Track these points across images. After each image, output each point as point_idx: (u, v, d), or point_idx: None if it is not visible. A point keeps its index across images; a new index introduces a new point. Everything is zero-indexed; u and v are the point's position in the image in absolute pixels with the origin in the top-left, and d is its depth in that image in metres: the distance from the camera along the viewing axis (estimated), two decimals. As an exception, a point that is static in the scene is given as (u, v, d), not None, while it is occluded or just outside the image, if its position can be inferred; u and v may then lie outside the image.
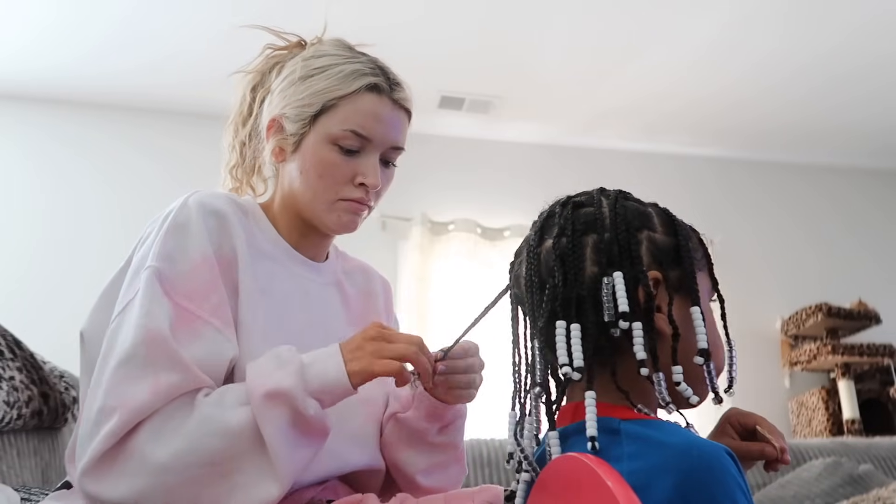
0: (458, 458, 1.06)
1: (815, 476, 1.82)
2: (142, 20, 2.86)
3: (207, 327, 0.86)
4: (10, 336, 1.30)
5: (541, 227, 0.82)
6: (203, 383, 0.83)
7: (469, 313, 0.90)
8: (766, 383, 3.63)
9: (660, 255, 0.77)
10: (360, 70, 0.98)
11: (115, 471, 0.78)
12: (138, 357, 0.81)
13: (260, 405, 0.79)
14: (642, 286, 0.74)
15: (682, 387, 0.73)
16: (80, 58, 3.10)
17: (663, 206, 0.83)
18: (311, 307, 1.02)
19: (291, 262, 1.02)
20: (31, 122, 3.36)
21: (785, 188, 4.05)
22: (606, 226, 0.77)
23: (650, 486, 0.64)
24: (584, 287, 0.75)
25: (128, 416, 0.79)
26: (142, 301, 0.85)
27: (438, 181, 3.67)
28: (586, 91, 3.44)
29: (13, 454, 1.24)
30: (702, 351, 0.74)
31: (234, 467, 0.79)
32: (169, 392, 0.80)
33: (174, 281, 0.87)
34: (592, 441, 0.67)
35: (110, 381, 0.81)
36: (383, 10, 2.77)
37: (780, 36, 3.03)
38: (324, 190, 0.98)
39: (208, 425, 0.79)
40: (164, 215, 0.94)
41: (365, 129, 0.97)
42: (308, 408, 0.81)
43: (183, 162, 3.30)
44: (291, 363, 0.83)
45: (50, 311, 2.84)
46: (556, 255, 0.77)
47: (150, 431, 0.79)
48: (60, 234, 3.22)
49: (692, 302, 0.76)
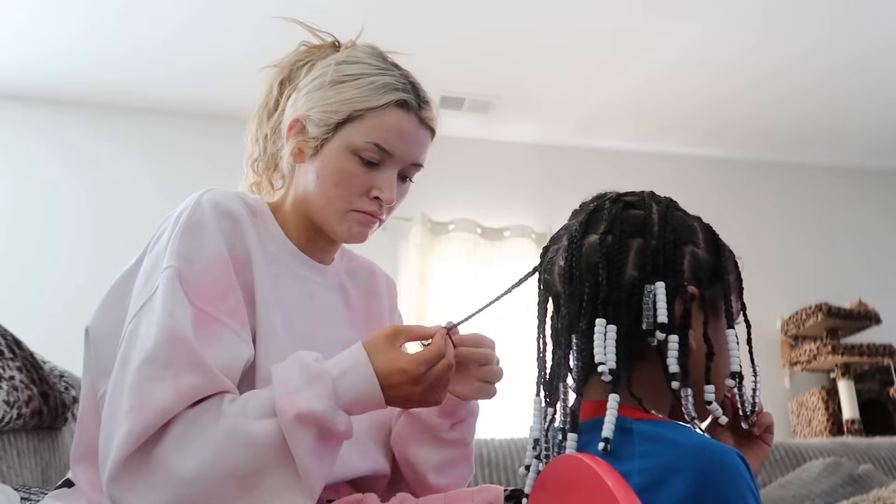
0: (468, 455, 1.06)
1: (815, 476, 1.82)
2: (119, 18, 2.86)
3: (225, 329, 0.85)
4: (10, 336, 1.30)
5: (587, 219, 0.81)
6: (225, 387, 0.82)
7: (469, 313, 0.89)
8: (766, 383, 3.63)
9: (699, 272, 0.78)
10: (392, 84, 0.97)
11: (140, 481, 0.77)
12: (160, 358, 0.80)
13: (290, 425, 0.78)
14: (681, 299, 0.75)
15: (713, 406, 0.74)
16: (56, 55, 3.09)
17: (707, 223, 0.84)
18: (316, 310, 1.02)
19: (296, 265, 1.01)
20: (34, 121, 3.37)
21: (785, 188, 4.05)
22: (654, 233, 0.77)
23: (662, 485, 0.65)
24: (623, 290, 0.75)
25: (149, 418, 0.77)
26: (163, 301, 0.83)
27: (438, 181, 3.66)
28: (586, 91, 3.44)
29: (13, 454, 1.24)
30: (733, 374, 0.75)
31: (260, 481, 0.78)
32: (191, 395, 0.79)
33: (191, 282, 0.86)
34: (606, 442, 0.68)
35: (131, 383, 0.80)
36: (383, 10, 2.77)
37: (775, 35, 3.03)
38: (338, 199, 0.97)
39: (233, 437, 0.78)
40: (178, 214, 0.92)
41: (388, 143, 0.96)
42: (339, 424, 0.80)
43: (172, 160, 3.32)
44: (321, 380, 0.81)
45: (49, 311, 2.85)
46: (602, 252, 0.76)
47: (175, 440, 0.78)
48: (60, 233, 3.23)
49: (728, 325, 0.77)
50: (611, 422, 0.69)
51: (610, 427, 0.69)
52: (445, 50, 3.12)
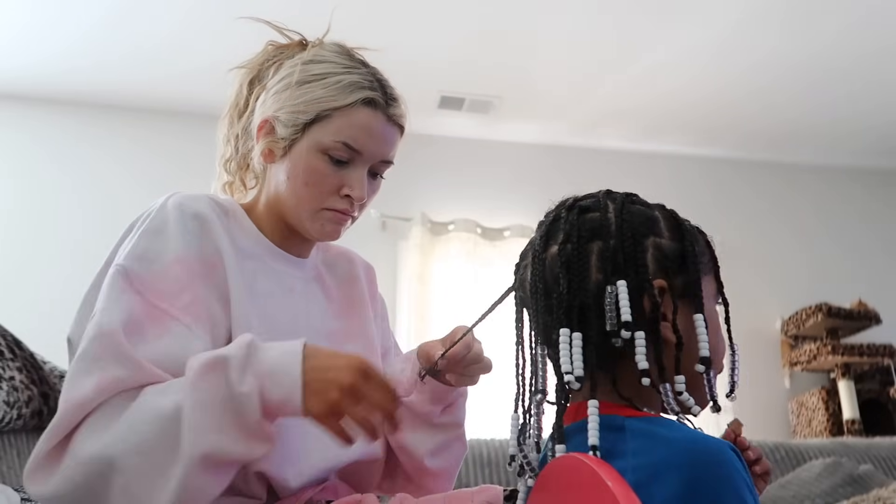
0: (461, 436, 1.08)
1: (815, 476, 1.82)
2: (118, 17, 2.86)
3: (175, 324, 0.85)
4: (10, 336, 1.30)
5: (546, 231, 0.81)
6: (155, 378, 0.80)
7: (469, 313, 0.90)
8: (766, 383, 3.63)
9: (665, 263, 0.76)
10: (359, 83, 0.97)
11: (49, 469, 0.77)
12: (89, 354, 0.81)
13: (195, 376, 0.75)
14: (647, 295, 0.74)
15: (684, 396, 0.73)
16: (55, 55, 3.09)
17: (670, 209, 0.82)
18: (296, 304, 1.02)
19: (273, 260, 1.02)
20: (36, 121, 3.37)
21: (785, 188, 4.05)
22: (612, 232, 0.76)
23: (656, 481, 0.65)
24: (589, 295, 0.74)
25: (71, 411, 0.77)
26: (102, 299, 0.85)
27: (438, 181, 3.67)
28: (586, 91, 3.44)
29: (13, 454, 1.24)
30: (703, 359, 0.73)
31: (168, 459, 0.73)
32: (114, 386, 0.78)
33: (145, 279, 0.87)
34: (594, 450, 0.67)
35: (66, 382, 0.81)
36: (384, 10, 2.77)
37: (774, 36, 3.03)
38: (309, 198, 0.98)
39: (141, 413, 0.76)
40: (143, 217, 0.94)
41: (357, 142, 0.97)
42: (242, 384, 0.74)
43: (172, 160, 3.31)
44: (239, 345, 0.77)
45: (49, 311, 2.84)
46: (562, 261, 0.76)
47: (88, 425, 0.77)
48: (60, 232, 3.23)
49: (695, 309, 0.75)
50: (594, 428, 0.68)
51: (594, 434, 0.68)
52: (445, 50, 3.12)
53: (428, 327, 3.29)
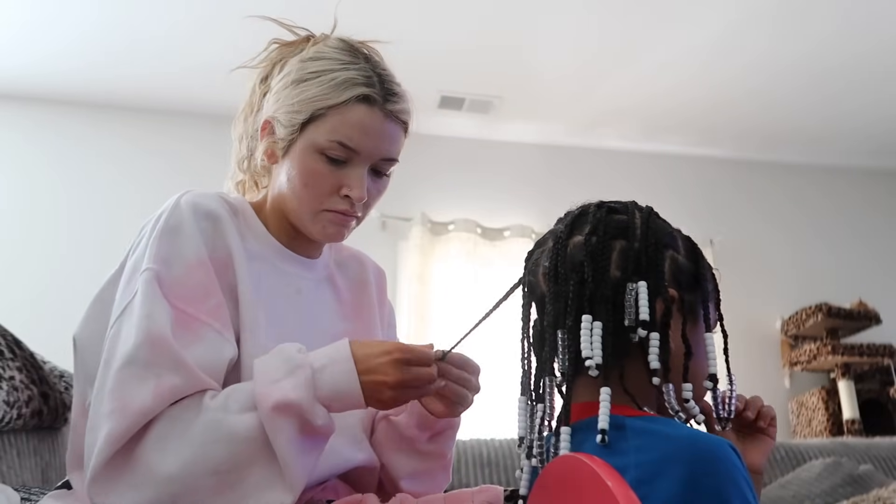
0: (445, 466, 1.05)
1: (815, 476, 1.82)
2: (115, 17, 2.86)
3: (206, 329, 0.85)
4: (10, 336, 1.30)
5: (572, 221, 0.84)
6: (206, 385, 0.82)
7: (469, 313, 0.90)
8: (766, 383, 3.63)
9: (679, 277, 0.81)
10: (354, 79, 0.94)
11: (122, 482, 0.77)
12: (140, 359, 0.80)
13: (268, 416, 0.78)
14: (662, 299, 0.77)
15: (690, 404, 0.76)
16: (53, 55, 3.09)
17: (686, 234, 0.87)
18: (304, 305, 1.01)
19: (282, 261, 1.01)
20: (41, 122, 3.36)
21: (785, 188, 4.05)
22: (637, 236, 0.80)
23: (658, 478, 0.66)
24: (608, 288, 0.77)
25: (130, 419, 0.77)
26: (142, 303, 0.83)
27: (438, 181, 3.67)
28: (586, 91, 3.44)
29: (13, 454, 1.24)
30: (711, 376, 0.78)
31: (241, 476, 0.78)
32: (172, 395, 0.79)
33: (171, 285, 0.86)
34: (603, 433, 0.69)
35: (112, 385, 0.80)
36: (384, 10, 2.77)
37: (774, 35, 3.03)
38: (308, 199, 0.96)
39: (214, 432, 0.78)
40: (157, 217, 0.92)
41: (352, 140, 0.94)
42: (317, 418, 0.79)
43: (172, 160, 3.32)
44: (301, 370, 0.80)
45: (49, 311, 2.84)
46: (587, 251, 0.79)
47: (156, 439, 0.78)
48: (58, 232, 3.23)
49: (707, 329, 0.80)
50: (605, 413, 0.71)
51: (605, 419, 0.70)
52: (446, 50, 3.12)
53: (428, 327, 3.28)
